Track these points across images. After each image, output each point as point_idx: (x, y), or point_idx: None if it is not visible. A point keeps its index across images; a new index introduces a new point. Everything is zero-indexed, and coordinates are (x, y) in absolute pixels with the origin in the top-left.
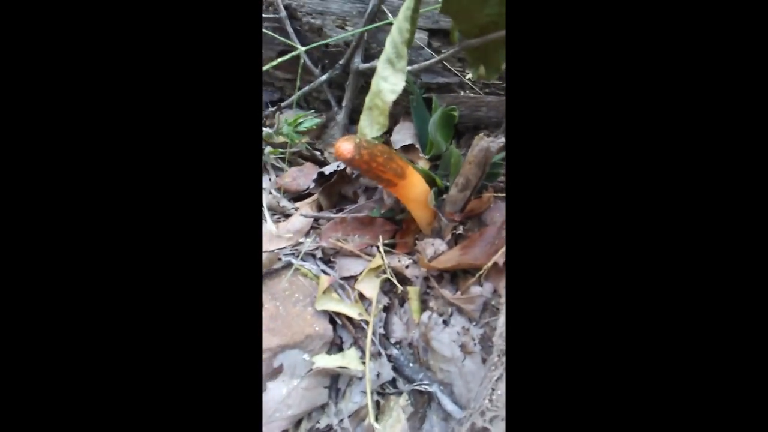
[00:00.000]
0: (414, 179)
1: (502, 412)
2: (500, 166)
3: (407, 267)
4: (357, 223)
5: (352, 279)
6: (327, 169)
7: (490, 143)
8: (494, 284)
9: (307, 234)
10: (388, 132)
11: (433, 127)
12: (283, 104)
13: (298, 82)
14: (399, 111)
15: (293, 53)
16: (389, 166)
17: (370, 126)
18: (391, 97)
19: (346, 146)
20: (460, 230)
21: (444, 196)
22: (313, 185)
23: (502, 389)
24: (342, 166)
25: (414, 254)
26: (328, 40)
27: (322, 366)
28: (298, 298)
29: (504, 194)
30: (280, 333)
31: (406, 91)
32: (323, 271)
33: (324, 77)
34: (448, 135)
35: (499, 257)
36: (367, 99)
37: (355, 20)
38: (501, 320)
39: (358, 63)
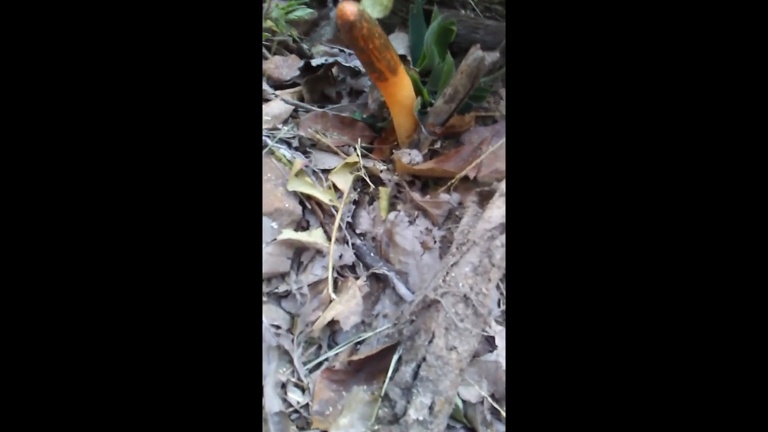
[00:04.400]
0: (404, 80)
1: (454, 290)
2: (486, 91)
3: (381, 171)
4: (337, 121)
5: (326, 172)
6: (315, 62)
7: (486, 54)
8: (461, 197)
9: (285, 122)
10: None
11: (430, 38)
12: None
13: None
14: (395, 21)
15: None
16: (384, 55)
17: (372, 5)
18: None
19: (350, 7)
20: (437, 146)
21: (428, 109)
22: (297, 74)
23: (455, 273)
24: (331, 61)
25: (389, 163)
26: None
27: (288, 237)
28: (270, 178)
29: (484, 114)
30: None
31: (405, 1)
32: (297, 158)
33: None
34: (442, 49)
35: (471, 170)
36: None
37: None
38: (463, 221)
39: None
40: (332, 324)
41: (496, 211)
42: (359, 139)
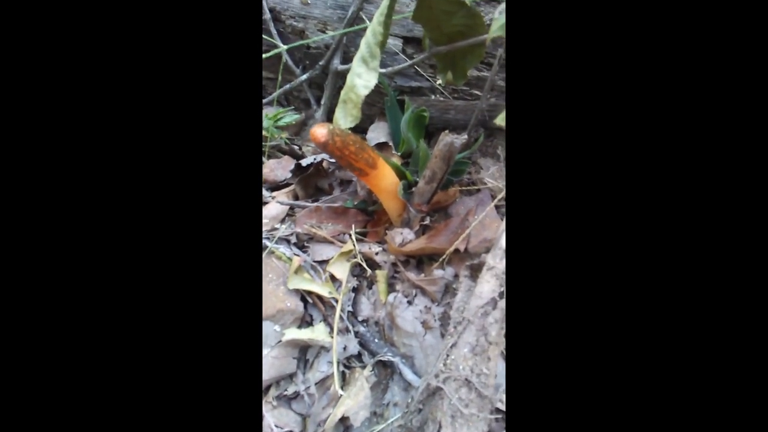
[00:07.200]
0: (385, 170)
1: (455, 374)
2: (465, 164)
3: (377, 254)
4: (331, 212)
5: (324, 263)
6: (304, 161)
7: (454, 139)
8: (455, 269)
9: (282, 221)
10: (364, 131)
11: (405, 127)
12: (264, 101)
13: (279, 78)
14: (374, 112)
15: (276, 50)
16: (361, 156)
17: (344, 117)
18: (364, 92)
19: (320, 131)
20: (427, 221)
21: (413, 189)
22: (290, 176)
23: (455, 355)
24: (319, 159)
25: (383, 243)
26: (309, 40)
27: (292, 337)
28: (272, 278)
29: (467, 188)
30: None
31: (381, 93)
32: (296, 255)
33: (304, 77)
34: (419, 134)
35: (460, 244)
36: (342, 93)
37: (336, 25)
38: (458, 297)
39: (336, 64)
40: (344, 420)
41: (486, 285)
42: (353, 226)
